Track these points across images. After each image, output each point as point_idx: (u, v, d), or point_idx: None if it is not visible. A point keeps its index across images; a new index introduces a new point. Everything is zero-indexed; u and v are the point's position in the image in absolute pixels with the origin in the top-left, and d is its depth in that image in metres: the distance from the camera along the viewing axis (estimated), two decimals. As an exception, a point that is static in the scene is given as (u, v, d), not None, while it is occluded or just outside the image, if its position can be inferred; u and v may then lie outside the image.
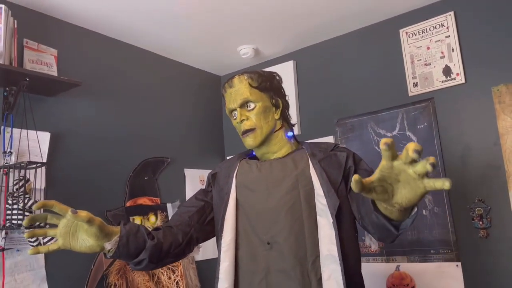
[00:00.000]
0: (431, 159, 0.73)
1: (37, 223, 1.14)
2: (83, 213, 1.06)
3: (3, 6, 1.90)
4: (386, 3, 2.41)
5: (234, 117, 1.46)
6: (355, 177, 0.76)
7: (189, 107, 3.08)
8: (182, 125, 2.99)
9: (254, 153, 1.53)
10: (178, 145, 2.92)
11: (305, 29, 2.69)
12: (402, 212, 0.93)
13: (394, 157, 0.78)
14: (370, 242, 2.47)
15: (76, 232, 1.11)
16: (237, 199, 1.42)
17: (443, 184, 0.73)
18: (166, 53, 2.93)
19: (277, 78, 1.52)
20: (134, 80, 2.71)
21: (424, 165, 0.74)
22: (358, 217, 1.31)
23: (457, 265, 2.20)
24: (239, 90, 1.43)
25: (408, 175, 0.79)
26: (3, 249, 1.91)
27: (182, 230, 1.40)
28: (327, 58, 2.85)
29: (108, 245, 1.15)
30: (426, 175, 0.77)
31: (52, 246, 1.10)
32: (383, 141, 0.76)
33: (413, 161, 0.76)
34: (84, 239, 1.12)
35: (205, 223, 1.48)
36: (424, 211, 2.33)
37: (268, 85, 1.46)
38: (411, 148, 0.74)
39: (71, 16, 2.33)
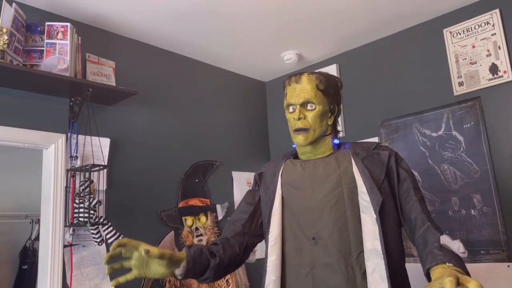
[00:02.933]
0: None
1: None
2: (155, 251, 1.21)
3: (68, 24, 2.10)
4: (429, 3, 2.41)
5: (291, 111, 1.50)
6: None
7: (236, 112, 3.21)
8: (230, 130, 3.12)
9: (295, 146, 1.59)
10: (226, 149, 3.05)
11: (348, 33, 2.74)
12: None
13: None
14: (411, 245, 2.47)
15: (149, 263, 1.27)
16: (282, 197, 1.50)
17: None
18: (214, 62, 3.08)
19: (339, 84, 1.57)
20: (185, 88, 2.87)
21: None
22: (404, 226, 1.40)
23: (508, 266, 2.16)
24: (305, 88, 1.47)
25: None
26: (71, 245, 2.10)
27: (238, 240, 1.53)
28: (370, 60, 2.88)
29: (178, 271, 1.31)
30: None
31: (130, 276, 1.25)
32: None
33: None
34: (156, 269, 1.27)
35: (258, 226, 1.58)
36: (472, 211, 2.30)
37: (332, 91, 1.51)
38: None
39: (127, 31, 2.52)
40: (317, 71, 1.55)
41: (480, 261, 2.25)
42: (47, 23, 2.08)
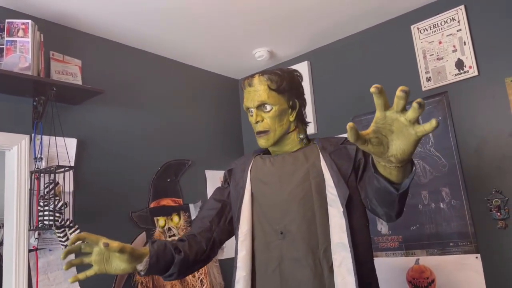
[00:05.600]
0: (418, 99, 0.76)
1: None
2: (114, 244, 1.15)
3: (29, 21, 2.03)
4: (396, 0, 2.44)
5: (251, 114, 1.51)
6: (350, 124, 0.79)
7: (208, 110, 3.18)
8: (202, 128, 3.09)
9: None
10: (199, 148, 3.01)
11: (318, 30, 2.75)
12: (400, 171, 0.97)
13: (386, 107, 0.82)
14: (381, 226, 2.50)
15: (110, 258, 1.21)
16: (252, 192, 1.49)
17: (431, 124, 0.76)
18: (185, 60, 3.04)
19: (297, 76, 1.55)
20: (154, 87, 2.82)
21: (413, 110, 0.77)
22: (366, 203, 1.35)
23: (476, 257, 2.21)
24: (258, 91, 1.46)
25: (400, 123, 0.82)
26: (36, 249, 2.04)
27: (205, 236, 1.49)
28: (341, 57, 2.89)
29: (140, 267, 1.26)
30: (417, 122, 0.80)
31: (89, 272, 1.20)
32: (373, 86, 0.78)
33: (404, 110, 0.80)
34: (118, 264, 1.22)
35: (226, 223, 1.55)
36: (441, 204, 2.34)
37: (287, 87, 1.49)
38: (398, 89, 0.77)
39: (93, 28, 2.46)
40: (269, 69, 1.54)
41: (449, 253, 2.29)
42: (7, 20, 2.01)
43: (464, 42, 2.34)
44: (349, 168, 1.41)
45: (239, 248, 1.43)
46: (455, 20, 2.39)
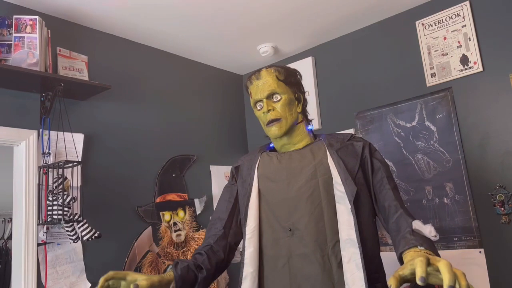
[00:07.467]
0: (463, 284, 0.84)
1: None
2: (143, 284, 1.19)
3: (37, 17, 2.04)
4: (401, -4, 2.45)
5: (259, 108, 1.53)
6: (391, 284, 0.89)
7: (213, 106, 3.19)
8: (207, 123, 3.11)
9: (272, 145, 1.61)
10: (203, 143, 3.03)
11: (323, 25, 2.75)
12: None
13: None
14: (386, 233, 2.52)
15: None
16: (259, 189, 1.50)
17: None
18: (190, 55, 3.05)
19: (298, 74, 1.60)
20: (160, 82, 2.84)
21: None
22: (379, 216, 1.41)
23: (480, 252, 2.23)
24: (267, 82, 1.49)
25: (437, 276, 0.91)
26: (45, 243, 2.06)
27: (221, 245, 1.52)
28: (345, 53, 2.90)
29: None
30: None
31: None
32: (419, 275, 0.87)
33: None
34: None
35: (238, 224, 1.57)
36: (445, 199, 2.36)
37: (293, 79, 1.54)
38: (446, 284, 0.83)
39: (99, 24, 2.47)
40: (274, 64, 1.58)
41: (453, 247, 2.31)
42: (15, 16, 2.02)
43: (469, 38, 2.35)
44: (356, 165, 1.42)
45: (246, 245, 1.45)
46: (460, 16, 2.39)
